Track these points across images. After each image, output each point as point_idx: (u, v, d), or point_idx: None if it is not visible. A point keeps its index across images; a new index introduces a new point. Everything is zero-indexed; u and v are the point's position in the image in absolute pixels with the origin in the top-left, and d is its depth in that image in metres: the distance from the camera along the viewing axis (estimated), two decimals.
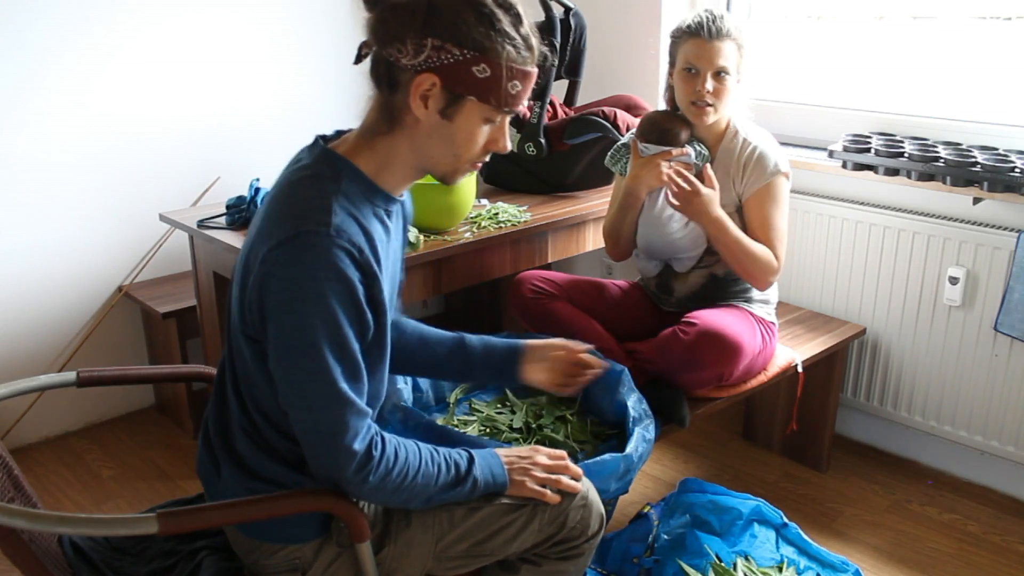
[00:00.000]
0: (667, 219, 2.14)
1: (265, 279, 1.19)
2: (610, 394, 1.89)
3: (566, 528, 1.51)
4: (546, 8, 2.61)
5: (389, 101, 1.23)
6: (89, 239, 2.79)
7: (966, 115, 2.47)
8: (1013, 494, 2.51)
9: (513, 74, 1.20)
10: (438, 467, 1.32)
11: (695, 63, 2.02)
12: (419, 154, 1.27)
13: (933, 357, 2.51)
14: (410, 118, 1.23)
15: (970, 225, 2.36)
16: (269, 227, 1.22)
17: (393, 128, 1.25)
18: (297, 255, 1.17)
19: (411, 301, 2.24)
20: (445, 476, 1.33)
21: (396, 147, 1.26)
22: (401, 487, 1.27)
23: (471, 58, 1.18)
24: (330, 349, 1.19)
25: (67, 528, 1.14)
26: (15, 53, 2.53)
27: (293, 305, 1.18)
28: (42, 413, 2.81)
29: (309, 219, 1.18)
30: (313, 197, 1.21)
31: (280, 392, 1.23)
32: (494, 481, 1.39)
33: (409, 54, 1.18)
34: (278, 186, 1.29)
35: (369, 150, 1.27)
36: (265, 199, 1.32)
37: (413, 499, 1.31)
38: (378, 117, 1.25)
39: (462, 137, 1.24)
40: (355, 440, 1.22)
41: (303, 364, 1.19)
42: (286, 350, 1.20)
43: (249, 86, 2.96)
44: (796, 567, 2.06)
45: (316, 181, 1.24)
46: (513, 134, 2.67)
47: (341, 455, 1.22)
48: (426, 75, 1.18)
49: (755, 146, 2.10)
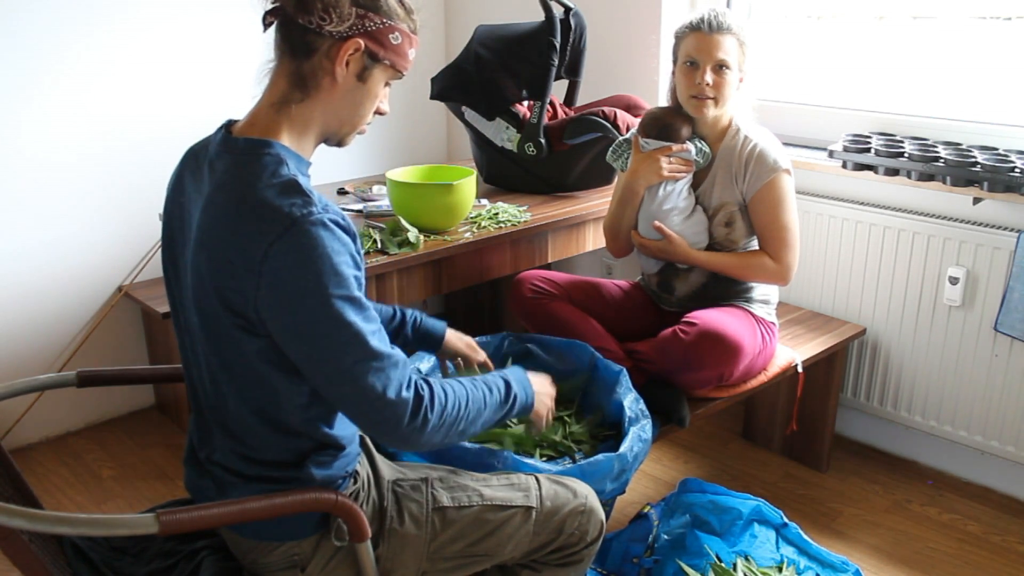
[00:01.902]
0: (667, 213, 2.14)
1: (276, 273, 1.19)
2: (608, 394, 1.89)
3: (564, 534, 1.51)
4: (546, 8, 2.61)
5: (302, 68, 1.28)
6: (89, 239, 2.79)
7: (966, 115, 2.47)
8: (1013, 494, 2.51)
9: (412, 42, 1.34)
10: (482, 390, 1.40)
11: (695, 56, 2.04)
12: (329, 117, 1.33)
13: (933, 357, 2.51)
14: (326, 82, 1.29)
15: (970, 225, 2.36)
16: (248, 226, 1.20)
17: (308, 94, 1.30)
18: (300, 241, 1.19)
19: (411, 301, 2.24)
20: (491, 396, 1.41)
21: (310, 113, 1.31)
22: (459, 418, 1.33)
23: (388, 26, 1.29)
24: (355, 315, 1.23)
25: (67, 528, 1.14)
26: (15, 53, 2.53)
27: (312, 288, 1.20)
28: (42, 413, 2.81)
29: (294, 206, 1.20)
30: (282, 184, 1.23)
31: (314, 374, 1.25)
32: (526, 398, 1.49)
33: (334, 21, 1.25)
34: (223, 186, 1.26)
35: (287, 122, 1.30)
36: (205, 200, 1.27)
37: (471, 426, 1.37)
38: (289, 86, 1.29)
39: (369, 100, 1.34)
40: (402, 390, 1.26)
41: (336, 338, 1.22)
42: (314, 332, 1.22)
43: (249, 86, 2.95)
44: (796, 567, 2.06)
45: (268, 168, 1.25)
46: (513, 134, 2.67)
47: (395, 409, 1.25)
48: (352, 40, 1.26)
49: (756, 143, 2.10)
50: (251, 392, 1.30)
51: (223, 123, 1.35)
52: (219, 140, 1.31)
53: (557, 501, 1.51)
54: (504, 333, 2.08)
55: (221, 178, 1.26)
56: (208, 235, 1.24)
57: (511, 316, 3.24)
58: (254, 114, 1.32)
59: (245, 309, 1.23)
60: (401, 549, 1.41)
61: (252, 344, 1.25)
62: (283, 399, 1.29)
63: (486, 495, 1.47)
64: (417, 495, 1.44)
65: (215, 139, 1.33)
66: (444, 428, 1.31)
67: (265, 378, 1.28)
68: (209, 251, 1.24)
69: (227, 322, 1.25)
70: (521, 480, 1.52)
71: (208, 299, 1.25)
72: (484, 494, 1.47)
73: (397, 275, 2.17)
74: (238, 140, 1.29)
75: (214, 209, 1.25)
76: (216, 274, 1.23)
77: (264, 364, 1.27)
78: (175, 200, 1.37)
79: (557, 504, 1.51)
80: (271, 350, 1.26)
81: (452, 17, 3.51)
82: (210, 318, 1.26)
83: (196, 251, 1.26)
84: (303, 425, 1.32)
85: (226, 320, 1.24)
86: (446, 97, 2.74)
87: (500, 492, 1.48)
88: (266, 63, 1.33)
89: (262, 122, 1.30)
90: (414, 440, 1.29)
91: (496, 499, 1.47)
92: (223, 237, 1.22)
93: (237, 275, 1.21)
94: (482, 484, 1.49)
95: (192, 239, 1.28)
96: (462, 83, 2.68)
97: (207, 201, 1.26)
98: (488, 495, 1.47)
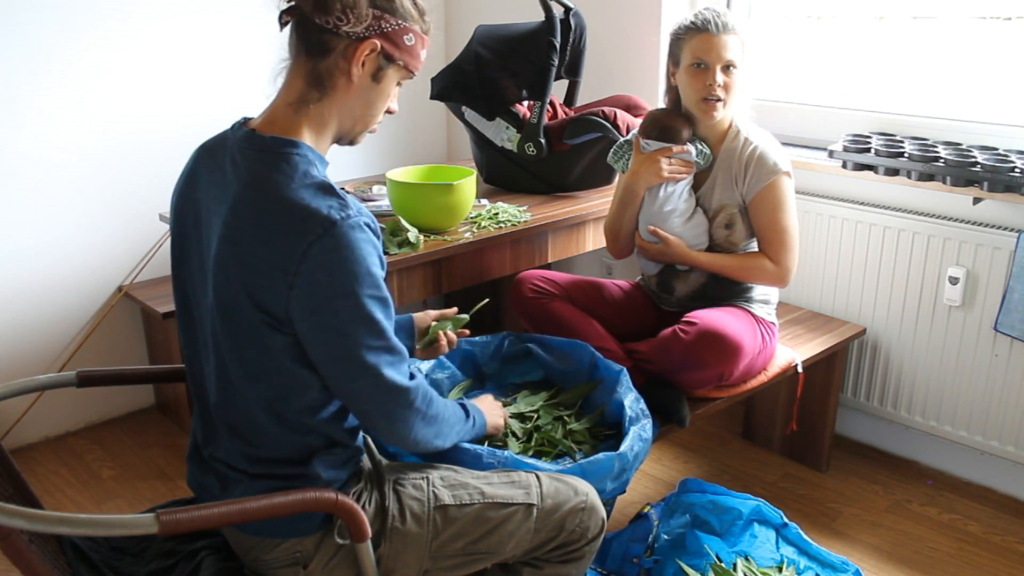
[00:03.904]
0: (667, 215, 2.14)
1: (312, 273, 1.22)
2: (609, 394, 1.89)
3: (565, 531, 1.52)
4: (546, 8, 2.61)
5: (318, 67, 1.29)
6: (89, 239, 2.79)
7: (966, 115, 2.47)
8: (1013, 494, 2.51)
9: (424, 43, 1.37)
10: (448, 404, 1.49)
11: (704, 58, 2.03)
12: (344, 117, 1.35)
13: (933, 357, 2.51)
14: (342, 82, 1.30)
15: (970, 225, 2.36)
16: (286, 226, 1.21)
17: (324, 94, 1.31)
18: (339, 243, 1.22)
19: (411, 301, 2.25)
20: (458, 411, 1.53)
21: (327, 112, 1.33)
22: (443, 417, 1.44)
23: (402, 27, 1.31)
24: (381, 313, 1.28)
25: (67, 528, 1.14)
26: (16, 53, 2.53)
27: (346, 288, 1.24)
28: (42, 413, 2.81)
29: (332, 208, 1.23)
30: (315, 186, 1.25)
31: (333, 370, 1.28)
32: (482, 418, 1.62)
33: (351, 22, 1.26)
34: (253, 183, 1.26)
35: (307, 121, 1.32)
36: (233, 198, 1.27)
37: (451, 429, 1.48)
38: (305, 85, 1.31)
39: (382, 99, 1.37)
40: (405, 379, 1.33)
41: (363, 336, 1.27)
42: (341, 330, 1.25)
43: (249, 86, 2.95)
44: (796, 567, 2.06)
45: (300, 168, 1.26)
46: (513, 134, 2.67)
47: (408, 396, 1.34)
48: (369, 41, 1.28)
49: (756, 145, 2.10)
50: (267, 388, 1.31)
51: (238, 120, 1.35)
52: (242, 136, 1.31)
53: (558, 498, 1.51)
54: (504, 333, 2.09)
55: (249, 176, 1.27)
56: (238, 232, 1.25)
57: (511, 316, 3.24)
58: (272, 112, 1.33)
59: (275, 307, 1.24)
60: (403, 548, 1.41)
61: (278, 340, 1.27)
62: (300, 395, 1.31)
63: (487, 493, 1.47)
64: (418, 493, 1.45)
65: (234, 135, 1.33)
66: (436, 424, 1.41)
67: (286, 374, 1.29)
68: (239, 248, 1.25)
69: (254, 318, 1.25)
70: (522, 478, 1.52)
71: (234, 295, 1.26)
72: (485, 492, 1.47)
73: (397, 275, 2.17)
74: (264, 137, 1.29)
75: (244, 207, 1.25)
76: (245, 271, 1.24)
77: (288, 360, 1.28)
78: (187, 196, 1.37)
79: (558, 501, 1.51)
80: (296, 346, 1.28)
81: (452, 17, 3.51)
82: (233, 314, 1.27)
83: (222, 247, 1.26)
84: (313, 422, 1.33)
85: (253, 316, 1.25)
86: (446, 97, 2.74)
87: (501, 490, 1.49)
88: (279, 62, 1.34)
89: (282, 121, 1.31)
90: (416, 430, 1.37)
91: (497, 497, 1.47)
92: (256, 235, 1.23)
93: (269, 274, 1.23)
94: (483, 482, 1.49)
95: (217, 235, 1.28)
96: (462, 83, 2.68)
97: (236, 198, 1.26)
98: (489, 493, 1.47)
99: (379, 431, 1.37)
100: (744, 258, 2.14)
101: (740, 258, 2.14)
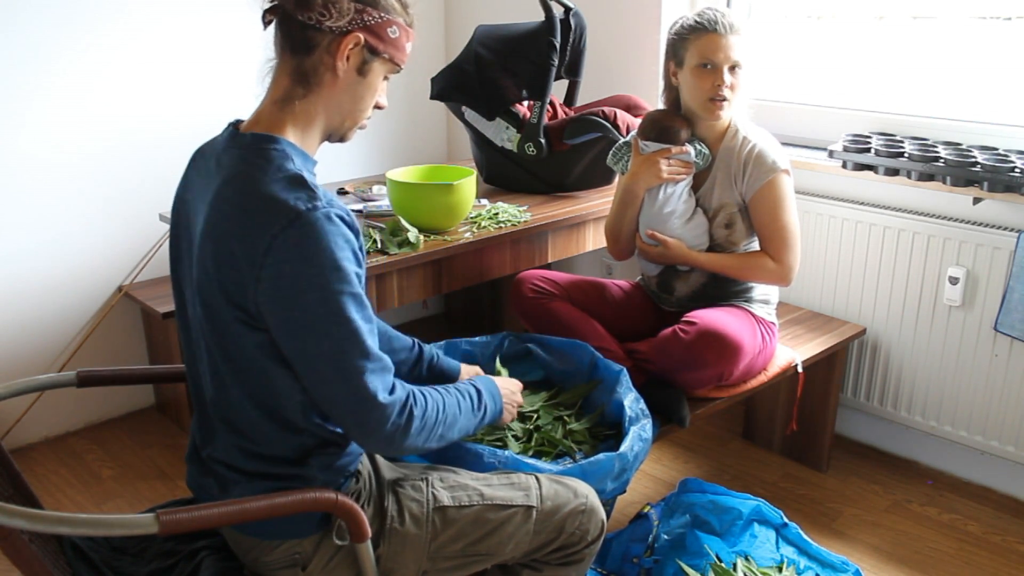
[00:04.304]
0: (667, 216, 2.14)
1: (277, 266, 1.20)
2: (609, 394, 1.89)
3: (564, 534, 1.52)
4: (546, 8, 2.61)
5: (303, 64, 1.30)
6: (89, 239, 2.79)
7: (966, 115, 2.47)
8: (1013, 494, 2.51)
9: (409, 36, 1.36)
10: (456, 397, 1.42)
11: (712, 58, 2.02)
12: (331, 112, 1.34)
13: (933, 357, 2.51)
14: (328, 77, 1.30)
15: (970, 225, 2.36)
16: (254, 218, 1.21)
17: (310, 90, 1.31)
18: (305, 234, 1.20)
19: (411, 301, 2.25)
20: (464, 403, 1.43)
21: (313, 108, 1.32)
22: (438, 422, 1.35)
23: (386, 20, 1.31)
24: (355, 312, 1.24)
25: (67, 528, 1.14)
26: (16, 53, 2.53)
27: (314, 282, 1.21)
28: (42, 413, 2.81)
29: (300, 199, 1.21)
30: (287, 179, 1.24)
31: (307, 372, 1.25)
32: (495, 407, 1.52)
33: (333, 16, 1.26)
34: (231, 179, 1.26)
35: (291, 118, 1.31)
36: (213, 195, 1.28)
37: (449, 431, 1.38)
38: (291, 83, 1.31)
39: (369, 93, 1.36)
40: (389, 393, 1.28)
41: (334, 334, 1.23)
42: (312, 327, 1.22)
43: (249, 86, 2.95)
44: (796, 567, 2.06)
45: (275, 162, 1.26)
46: (513, 134, 2.67)
47: (383, 411, 1.26)
48: (352, 35, 1.28)
49: (754, 144, 2.10)
50: (253, 387, 1.30)
51: (230, 123, 1.36)
52: (226, 137, 1.33)
53: (558, 500, 1.51)
54: (504, 333, 2.08)
55: (228, 172, 1.27)
56: (215, 228, 1.25)
57: (511, 316, 3.24)
58: (258, 112, 1.34)
59: (245, 302, 1.23)
60: (402, 549, 1.41)
61: (252, 338, 1.26)
62: (283, 394, 1.30)
63: (486, 494, 1.47)
64: (418, 495, 1.44)
65: (222, 137, 1.34)
66: (425, 432, 1.33)
67: (266, 372, 1.28)
68: (215, 243, 1.25)
69: (228, 315, 1.25)
70: (521, 479, 1.52)
71: (212, 292, 1.26)
72: (484, 493, 1.47)
73: (397, 275, 2.17)
74: (245, 135, 1.30)
75: (221, 202, 1.26)
76: (220, 266, 1.24)
77: (265, 358, 1.27)
78: (181, 198, 1.39)
79: (558, 503, 1.51)
80: (271, 345, 1.26)
81: (452, 17, 3.51)
82: (213, 311, 1.27)
83: (202, 244, 1.27)
84: (304, 421, 1.32)
85: (227, 313, 1.25)
86: (446, 97, 2.74)
87: (500, 491, 1.49)
88: (267, 62, 1.34)
89: (267, 119, 1.32)
90: (396, 443, 1.30)
91: (497, 498, 1.47)
92: (228, 229, 1.23)
93: (239, 267, 1.22)
94: (482, 483, 1.49)
95: (198, 233, 1.28)
96: (462, 83, 2.68)
97: (215, 195, 1.27)
98: (488, 494, 1.47)
99: (356, 440, 1.33)
100: (745, 257, 2.14)
101: (741, 257, 2.14)
